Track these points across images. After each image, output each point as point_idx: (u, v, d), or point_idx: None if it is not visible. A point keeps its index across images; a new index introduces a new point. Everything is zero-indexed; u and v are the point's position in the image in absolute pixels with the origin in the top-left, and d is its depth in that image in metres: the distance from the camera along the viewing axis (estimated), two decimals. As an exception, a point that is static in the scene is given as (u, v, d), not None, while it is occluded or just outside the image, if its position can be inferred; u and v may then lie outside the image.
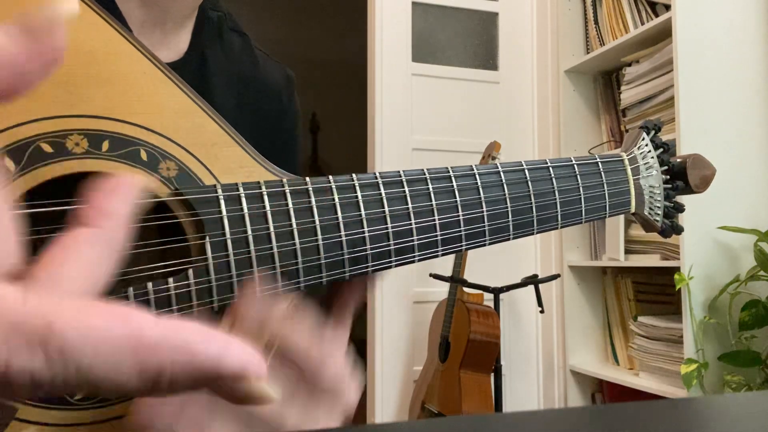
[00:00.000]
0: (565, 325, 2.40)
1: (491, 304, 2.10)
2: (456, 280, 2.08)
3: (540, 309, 2.00)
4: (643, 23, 2.16)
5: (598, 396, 2.41)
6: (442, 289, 2.22)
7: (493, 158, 2.11)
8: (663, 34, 2.00)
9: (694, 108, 1.83)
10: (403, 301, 2.40)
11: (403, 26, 2.48)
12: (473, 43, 2.62)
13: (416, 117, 2.48)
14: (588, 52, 2.43)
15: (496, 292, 2.06)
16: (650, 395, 1.93)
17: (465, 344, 2.01)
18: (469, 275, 2.10)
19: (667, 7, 1.99)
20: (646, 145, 0.49)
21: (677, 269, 1.80)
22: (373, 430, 0.49)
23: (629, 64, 2.21)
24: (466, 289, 2.14)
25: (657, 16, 2.09)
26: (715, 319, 1.75)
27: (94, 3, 0.33)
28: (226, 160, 0.36)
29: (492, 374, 2.05)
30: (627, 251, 2.17)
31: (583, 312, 2.40)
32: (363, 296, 0.39)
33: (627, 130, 2.27)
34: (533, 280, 2.02)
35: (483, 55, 2.63)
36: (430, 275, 2.18)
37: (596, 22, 2.41)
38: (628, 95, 2.19)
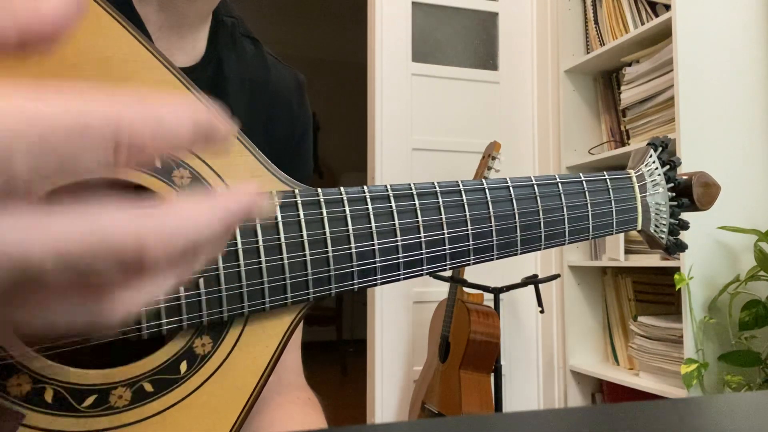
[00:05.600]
0: (565, 325, 2.40)
1: (491, 304, 2.10)
2: (456, 280, 2.08)
3: (540, 309, 2.00)
4: (643, 23, 2.16)
5: (598, 396, 2.41)
6: (442, 289, 2.22)
7: (493, 158, 2.11)
8: (663, 34, 2.01)
9: (694, 108, 1.83)
10: (403, 301, 2.41)
11: (403, 26, 2.48)
12: (473, 43, 2.62)
13: (416, 117, 2.48)
14: (588, 52, 2.43)
15: (496, 292, 2.06)
16: (650, 395, 1.93)
17: (465, 344, 2.01)
18: (469, 275, 2.11)
19: (667, 7, 1.99)
20: (654, 162, 0.49)
21: (677, 269, 1.80)
22: (373, 430, 0.49)
23: (629, 64, 2.21)
24: (466, 289, 2.14)
25: (657, 16, 2.09)
26: (715, 319, 1.75)
27: (113, 9, 0.33)
28: (239, 169, 0.36)
29: (492, 374, 2.05)
30: (627, 251, 2.17)
31: (583, 312, 2.41)
32: None
33: (627, 130, 2.27)
34: (533, 280, 2.02)
35: (483, 55, 2.63)
36: (430, 275, 2.18)
37: (596, 22, 2.41)
38: (628, 95, 2.19)
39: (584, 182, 0.45)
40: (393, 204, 0.38)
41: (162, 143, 0.24)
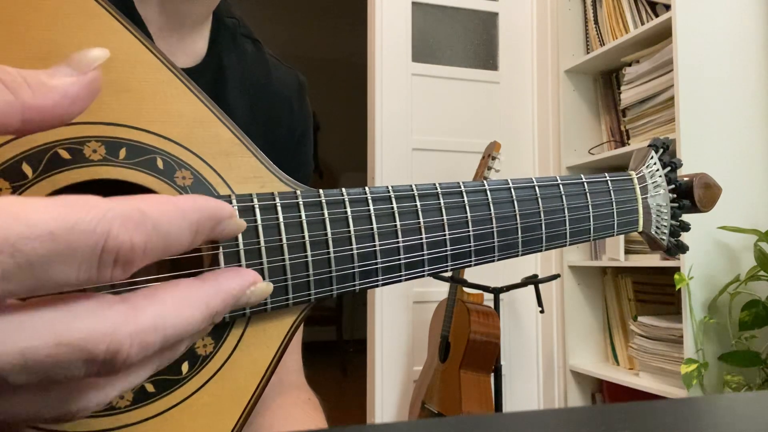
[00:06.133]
0: (565, 325, 2.40)
1: (491, 304, 2.10)
2: (456, 280, 2.08)
3: (540, 309, 2.00)
4: (643, 23, 2.16)
5: (598, 396, 2.42)
6: (442, 289, 2.22)
7: (493, 158, 2.11)
8: (663, 34, 2.01)
9: (694, 108, 1.84)
10: (403, 301, 2.41)
11: (403, 26, 2.48)
12: (473, 43, 2.62)
13: (416, 117, 2.48)
14: (588, 52, 2.43)
15: (496, 292, 2.06)
16: (650, 395, 1.93)
17: (465, 344, 2.01)
18: (469, 275, 2.11)
19: (667, 7, 1.99)
20: (654, 163, 0.49)
21: (677, 269, 1.80)
22: (373, 430, 0.49)
23: (629, 64, 2.21)
24: (466, 289, 2.14)
25: (657, 16, 2.09)
26: (715, 319, 1.75)
27: (115, 9, 0.33)
28: (241, 170, 0.36)
29: (492, 374, 2.06)
30: (627, 251, 2.17)
31: (583, 312, 2.41)
32: None
33: (627, 130, 2.28)
34: (533, 280, 2.02)
35: (483, 55, 2.63)
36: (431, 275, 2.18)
37: (596, 22, 2.42)
38: (628, 95, 2.19)
39: (585, 184, 0.45)
40: (394, 205, 0.38)
41: (157, 253, 0.23)
